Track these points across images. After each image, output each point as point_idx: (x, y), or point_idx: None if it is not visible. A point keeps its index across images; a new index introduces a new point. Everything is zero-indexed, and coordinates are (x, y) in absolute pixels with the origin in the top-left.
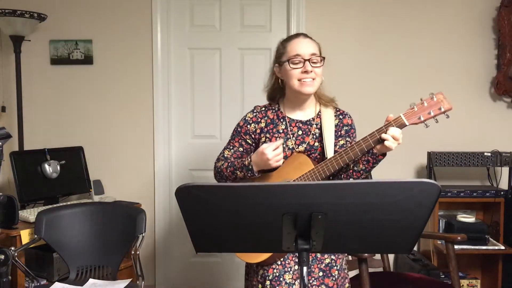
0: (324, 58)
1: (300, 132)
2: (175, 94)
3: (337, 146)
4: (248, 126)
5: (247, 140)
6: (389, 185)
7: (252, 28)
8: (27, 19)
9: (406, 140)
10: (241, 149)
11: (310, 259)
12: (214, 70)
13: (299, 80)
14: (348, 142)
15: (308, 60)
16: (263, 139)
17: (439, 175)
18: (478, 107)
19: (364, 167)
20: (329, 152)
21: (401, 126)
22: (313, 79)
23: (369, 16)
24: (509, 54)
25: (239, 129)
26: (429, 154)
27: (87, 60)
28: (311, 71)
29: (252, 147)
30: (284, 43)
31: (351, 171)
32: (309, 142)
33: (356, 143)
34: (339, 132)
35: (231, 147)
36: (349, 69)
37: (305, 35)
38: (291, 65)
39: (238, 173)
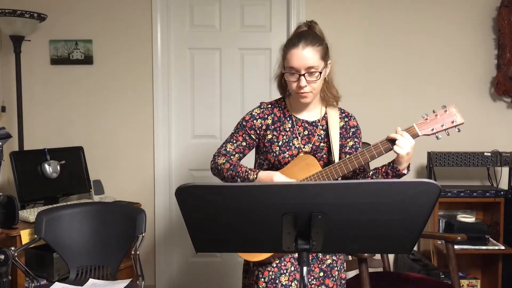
0: (320, 72)
1: (306, 132)
2: (175, 94)
3: (347, 147)
4: (254, 121)
5: (251, 135)
6: (389, 185)
7: (252, 28)
8: (27, 19)
9: None
10: (244, 143)
11: (311, 258)
12: (214, 70)
13: (296, 92)
14: (356, 143)
15: (303, 74)
16: (269, 136)
17: (439, 175)
18: (478, 107)
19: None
20: (335, 151)
21: (414, 136)
22: (310, 92)
23: (369, 16)
24: (509, 54)
25: (244, 123)
26: (429, 154)
27: (87, 60)
28: (305, 86)
29: (255, 142)
30: (285, 48)
31: (369, 179)
32: (314, 142)
33: (367, 149)
34: (347, 134)
35: (234, 141)
36: (350, 69)
37: (306, 43)
38: (287, 77)
39: (239, 180)
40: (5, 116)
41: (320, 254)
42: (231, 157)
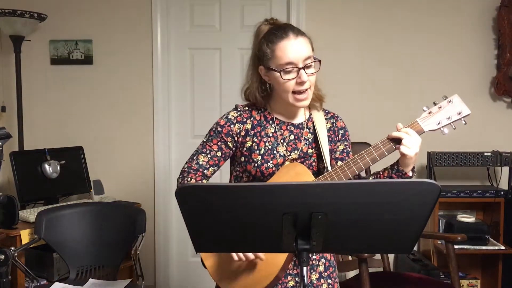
0: (320, 61)
1: (292, 137)
2: (175, 94)
3: (338, 153)
4: (232, 126)
5: (228, 143)
6: (389, 185)
7: (252, 28)
8: (27, 19)
9: None
10: (219, 153)
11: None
12: (214, 70)
13: (294, 92)
14: (347, 146)
15: (303, 68)
16: (248, 144)
17: (439, 175)
18: (478, 107)
19: None
20: (327, 156)
21: (418, 132)
22: (309, 89)
23: (369, 17)
24: (509, 54)
25: (219, 129)
26: (429, 154)
27: (87, 60)
28: (306, 81)
29: (231, 152)
30: (271, 44)
31: None
32: (302, 149)
33: (366, 152)
34: (336, 137)
35: (207, 151)
36: (350, 69)
37: (294, 31)
38: (284, 77)
39: None
40: (5, 116)
41: (314, 280)
42: (204, 171)
